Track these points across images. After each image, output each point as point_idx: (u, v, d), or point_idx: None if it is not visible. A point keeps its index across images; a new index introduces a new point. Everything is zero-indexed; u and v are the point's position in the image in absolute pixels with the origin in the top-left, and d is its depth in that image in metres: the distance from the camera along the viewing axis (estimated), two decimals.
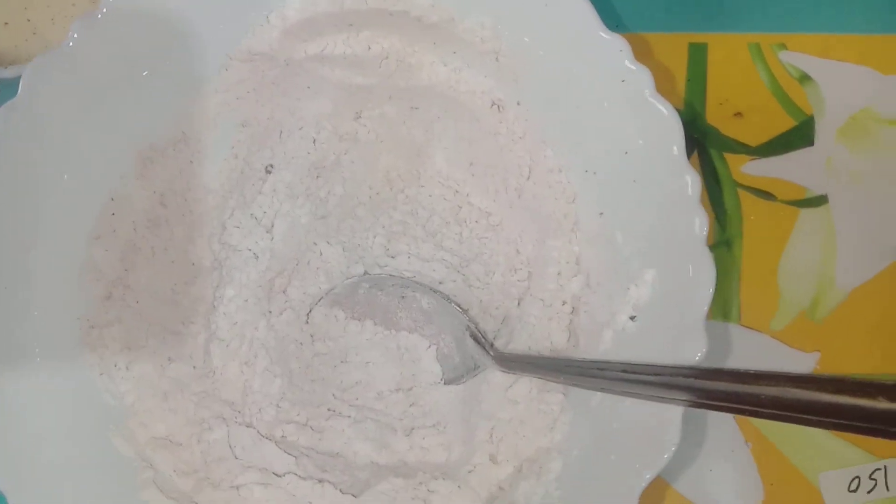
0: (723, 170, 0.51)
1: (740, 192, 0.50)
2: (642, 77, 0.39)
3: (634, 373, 0.36)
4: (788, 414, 0.32)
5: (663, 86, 0.50)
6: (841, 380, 0.31)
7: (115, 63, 0.42)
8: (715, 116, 0.52)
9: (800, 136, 0.51)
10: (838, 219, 0.50)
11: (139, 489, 0.40)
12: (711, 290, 0.36)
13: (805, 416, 0.32)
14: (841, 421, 0.31)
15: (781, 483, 0.46)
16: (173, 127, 0.45)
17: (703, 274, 0.37)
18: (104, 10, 0.40)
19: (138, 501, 0.39)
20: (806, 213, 0.50)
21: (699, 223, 0.37)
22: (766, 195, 0.50)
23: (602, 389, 0.38)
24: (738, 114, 0.52)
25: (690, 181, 0.38)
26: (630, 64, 0.39)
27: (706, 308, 0.36)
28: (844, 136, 0.51)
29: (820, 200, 0.50)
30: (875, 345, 0.47)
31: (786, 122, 0.52)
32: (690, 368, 0.35)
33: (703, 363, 0.37)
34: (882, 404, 0.30)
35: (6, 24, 0.49)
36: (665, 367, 0.36)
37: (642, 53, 0.49)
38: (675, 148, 0.38)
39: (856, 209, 0.50)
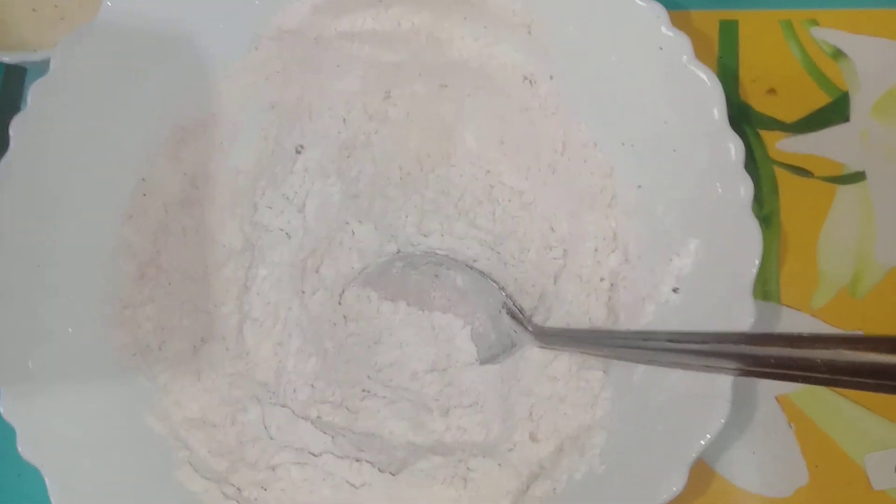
0: (758, 147, 0.50)
1: (776, 168, 0.50)
2: (681, 43, 0.38)
3: (680, 342, 0.35)
4: (844, 378, 0.31)
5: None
6: None
7: (144, 42, 0.42)
8: (748, 93, 0.51)
9: (835, 112, 0.50)
10: (876, 195, 0.49)
11: (174, 468, 0.39)
12: (759, 258, 0.35)
13: (861, 380, 0.30)
14: None
15: (826, 465, 0.44)
16: (203, 108, 0.45)
17: (749, 241, 0.36)
18: None
19: (173, 480, 0.38)
20: (843, 190, 0.49)
21: (744, 189, 0.36)
22: (802, 172, 0.49)
23: (648, 361, 0.37)
24: (772, 90, 0.51)
25: (734, 147, 0.37)
26: (667, 30, 0.38)
27: (754, 276, 0.35)
28: (879, 111, 0.50)
29: (857, 177, 0.49)
30: None
31: (820, 99, 0.51)
32: (739, 334, 0.34)
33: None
34: None
35: (34, 10, 0.49)
36: (712, 334, 0.35)
37: None
38: (716, 112, 0.37)
39: (893, 183, 0.49)
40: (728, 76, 0.51)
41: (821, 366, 0.31)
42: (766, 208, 0.49)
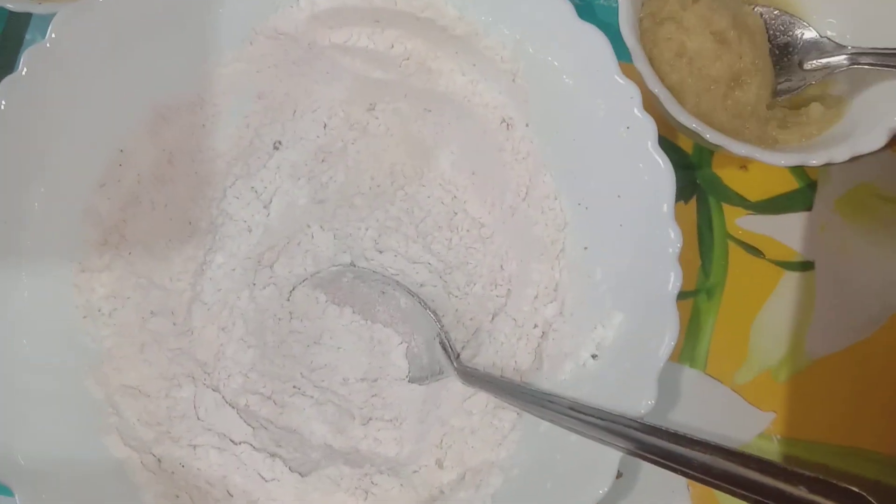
0: (718, 219, 0.52)
1: (731, 243, 0.51)
2: (647, 127, 0.40)
3: (580, 412, 0.38)
4: (715, 482, 0.34)
5: (675, 131, 0.51)
6: (769, 463, 0.33)
7: (140, 19, 0.43)
8: (722, 165, 0.52)
9: (800, 199, 0.52)
10: (820, 286, 0.51)
11: (101, 432, 0.41)
12: (671, 348, 0.38)
13: (730, 487, 0.33)
14: (763, 500, 0.32)
15: None
16: (191, 89, 0.46)
17: (667, 330, 0.38)
18: None
19: (98, 444, 0.41)
20: (790, 276, 0.51)
21: (673, 281, 0.38)
22: (755, 251, 0.51)
23: (550, 420, 0.39)
24: (744, 166, 0.52)
25: (674, 238, 0.39)
26: (638, 112, 0.40)
27: (662, 363, 0.38)
28: (842, 206, 0.52)
29: (806, 265, 0.51)
30: (829, 415, 0.48)
31: (789, 184, 0.52)
32: (633, 420, 0.36)
33: (649, 415, 0.38)
34: (802, 493, 0.31)
35: None
36: (610, 413, 0.37)
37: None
38: (665, 205, 0.39)
39: (839, 280, 0.51)
40: (706, 146, 0.52)
41: (697, 466, 0.34)
42: (712, 279, 0.51)
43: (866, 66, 0.46)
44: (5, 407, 0.40)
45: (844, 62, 0.47)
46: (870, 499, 0.31)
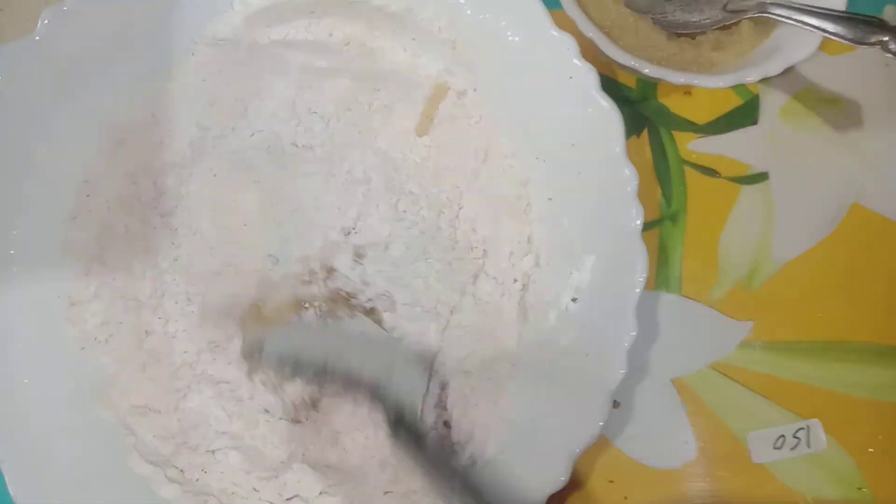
0: (671, 147, 0.53)
1: (686, 168, 0.53)
2: (588, 74, 0.41)
3: None
4: None
5: (616, 70, 0.53)
6: None
7: (83, 50, 0.43)
8: (667, 94, 0.54)
9: (745, 114, 0.54)
10: (777, 195, 0.53)
11: (124, 454, 0.43)
12: (643, 279, 0.40)
13: None
14: None
15: (713, 441, 0.49)
16: (143, 109, 0.47)
17: (636, 263, 0.40)
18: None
19: (123, 466, 0.42)
20: (747, 190, 0.53)
21: (635, 216, 0.40)
22: (710, 172, 0.53)
23: None
24: (688, 92, 0.54)
25: (629, 175, 0.40)
26: (577, 61, 0.41)
27: (637, 295, 0.40)
28: (786, 114, 0.54)
29: (761, 177, 0.53)
30: (804, 313, 0.51)
31: (733, 101, 0.54)
32: None
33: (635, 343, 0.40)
34: None
35: None
36: None
37: None
38: (617, 147, 0.40)
39: (794, 185, 0.53)
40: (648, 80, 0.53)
41: None
42: (673, 206, 0.53)
43: (776, 17, 0.48)
44: (28, 451, 0.41)
45: (755, 11, 0.49)
46: None
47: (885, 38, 0.46)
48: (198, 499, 0.42)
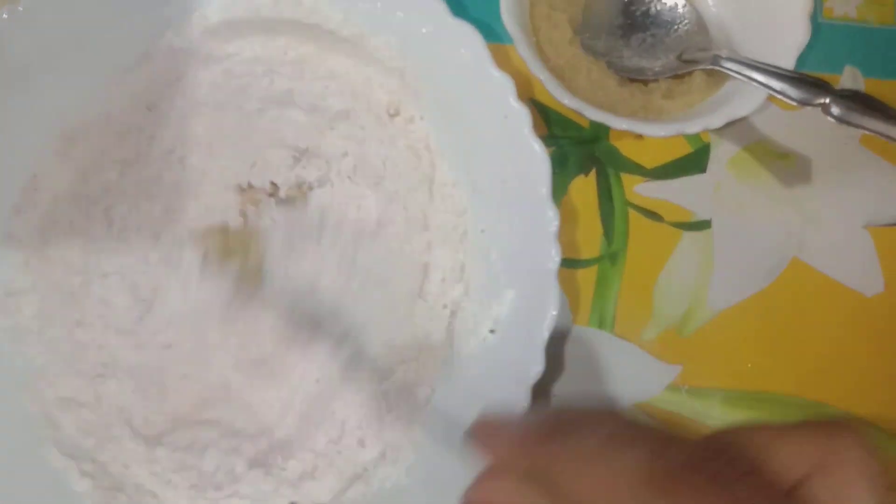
0: (617, 189, 0.54)
1: (630, 210, 0.54)
2: (522, 115, 0.42)
3: None
4: None
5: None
6: None
7: (36, 50, 0.44)
8: (618, 137, 0.55)
9: (694, 162, 0.55)
10: (718, 243, 0.54)
11: (39, 446, 0.43)
12: (553, 320, 0.41)
13: None
14: None
15: None
16: (96, 109, 0.48)
17: (549, 303, 0.41)
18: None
19: (36, 457, 0.43)
20: (688, 236, 0.54)
21: (554, 259, 0.41)
22: (653, 216, 0.54)
23: None
24: (639, 136, 0.55)
25: (551, 217, 0.42)
26: (513, 102, 0.42)
27: (547, 334, 0.41)
28: (735, 165, 0.55)
29: (704, 225, 0.54)
30: (734, 362, 0.52)
31: (683, 148, 0.55)
32: None
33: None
34: None
35: None
36: None
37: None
38: (542, 188, 0.41)
39: (736, 236, 0.54)
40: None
41: None
42: (614, 245, 0.54)
43: (726, 71, 0.49)
44: None
45: (708, 63, 0.51)
46: None
47: (826, 101, 0.47)
48: (108, 494, 0.43)
